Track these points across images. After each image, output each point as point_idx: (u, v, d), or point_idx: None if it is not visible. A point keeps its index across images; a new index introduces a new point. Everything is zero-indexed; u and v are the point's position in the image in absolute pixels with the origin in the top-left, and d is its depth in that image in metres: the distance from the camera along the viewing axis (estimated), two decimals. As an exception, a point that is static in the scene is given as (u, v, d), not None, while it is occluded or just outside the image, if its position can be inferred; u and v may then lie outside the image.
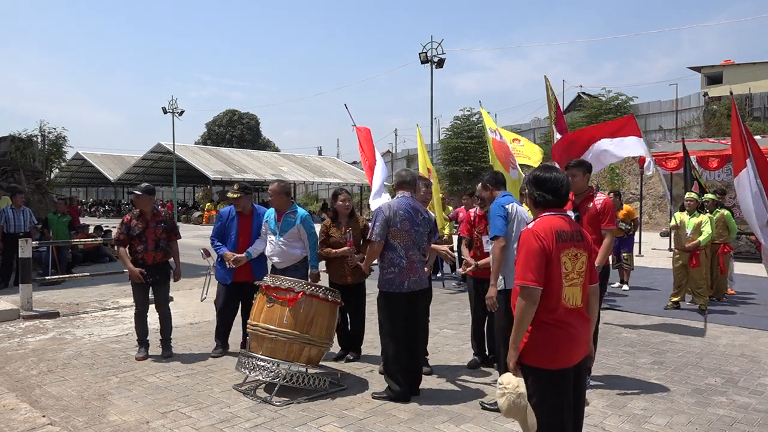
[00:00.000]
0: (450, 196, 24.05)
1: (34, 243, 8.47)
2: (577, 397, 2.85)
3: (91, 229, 15.80)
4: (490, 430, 3.99)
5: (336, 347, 5.54)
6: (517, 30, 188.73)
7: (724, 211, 8.93)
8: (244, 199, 5.89)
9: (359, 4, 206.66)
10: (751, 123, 24.75)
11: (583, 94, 38.07)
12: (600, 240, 4.87)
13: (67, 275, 10.49)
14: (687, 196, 8.23)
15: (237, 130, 60.87)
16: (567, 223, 2.85)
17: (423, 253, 4.74)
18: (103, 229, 16.79)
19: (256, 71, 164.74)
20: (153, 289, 5.79)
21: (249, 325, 4.89)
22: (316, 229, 5.64)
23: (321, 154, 60.00)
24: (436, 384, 4.97)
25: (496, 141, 8.16)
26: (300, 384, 4.60)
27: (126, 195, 52.11)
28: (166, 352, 5.74)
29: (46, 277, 9.78)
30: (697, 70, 33.83)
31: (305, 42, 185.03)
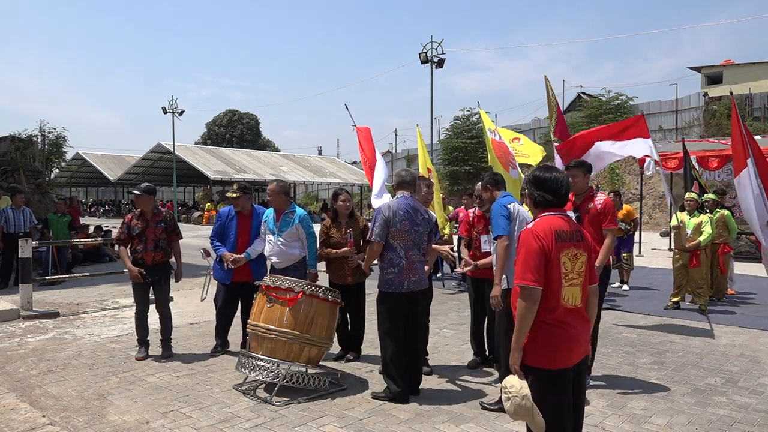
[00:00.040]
0: (450, 196, 24.07)
1: (34, 243, 8.48)
2: (577, 397, 2.85)
3: (91, 229, 15.80)
4: (490, 430, 3.99)
5: (336, 347, 5.54)
6: (517, 30, 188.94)
7: (724, 211, 8.93)
8: (243, 198, 5.88)
9: (359, 4, 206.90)
10: (751, 123, 24.76)
11: (583, 94, 38.08)
12: (601, 240, 4.87)
13: (67, 275, 10.49)
14: (687, 196, 8.23)
15: (237, 130, 60.87)
16: (567, 223, 2.85)
17: (423, 253, 4.73)
18: (103, 229, 16.79)
19: (256, 71, 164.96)
20: (153, 289, 5.79)
21: (249, 325, 4.89)
22: (315, 229, 5.63)
23: (321, 154, 60.05)
24: (436, 384, 4.97)
25: (495, 141, 8.15)
26: (300, 384, 4.60)
27: (126, 195, 52.13)
28: (166, 352, 5.74)
29: (46, 277, 9.78)
30: (697, 70, 33.85)
31: (305, 42, 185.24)
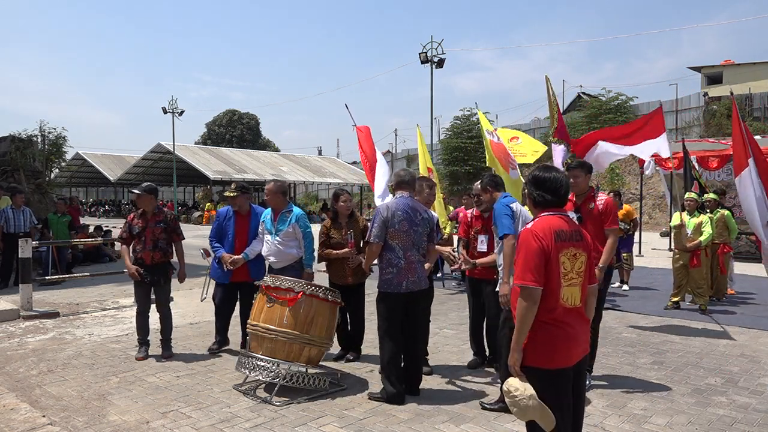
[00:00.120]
0: (450, 196, 24.07)
1: (34, 243, 8.48)
2: (576, 397, 2.85)
3: (91, 229, 15.80)
4: (490, 430, 3.99)
5: (336, 347, 5.54)
6: (517, 30, 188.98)
7: (724, 211, 8.93)
8: (241, 198, 5.88)
9: (359, 4, 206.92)
10: (751, 123, 24.77)
11: (583, 94, 38.11)
12: (603, 240, 4.85)
13: (67, 275, 10.49)
14: (687, 196, 8.23)
15: (237, 130, 60.88)
16: (566, 222, 2.85)
17: (423, 253, 4.72)
18: (103, 229, 16.81)
19: (256, 71, 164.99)
20: (153, 289, 5.79)
21: (249, 325, 4.88)
22: (312, 229, 5.63)
23: (321, 154, 60.05)
24: (436, 384, 4.97)
25: (494, 143, 8.17)
26: (300, 384, 4.60)
27: (126, 195, 52.16)
28: (166, 352, 5.74)
29: (46, 277, 9.78)
30: (697, 70, 33.86)
31: (305, 42, 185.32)
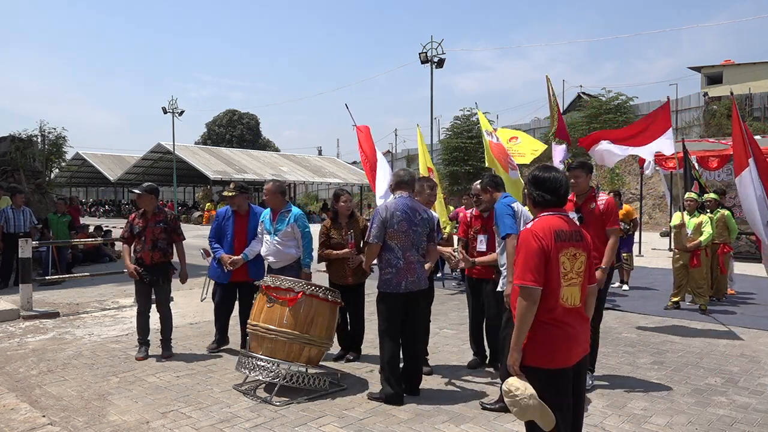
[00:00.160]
0: (450, 196, 24.05)
1: (34, 243, 8.48)
2: (576, 397, 2.85)
3: (91, 229, 15.81)
4: (490, 430, 3.99)
5: (336, 347, 5.54)
6: (517, 30, 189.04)
7: (724, 211, 8.92)
8: (240, 197, 5.88)
9: (359, 4, 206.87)
10: (751, 123, 24.76)
11: (583, 94, 38.09)
12: (605, 241, 4.85)
13: (67, 275, 10.49)
14: (687, 196, 8.22)
15: (237, 130, 60.87)
16: (566, 222, 2.85)
17: (422, 253, 4.71)
18: (103, 229, 16.82)
19: (256, 71, 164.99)
20: (154, 289, 5.79)
21: (249, 325, 4.88)
22: (311, 229, 5.64)
23: (321, 154, 60.04)
24: (436, 384, 4.97)
25: (493, 144, 8.19)
26: (300, 384, 4.60)
27: (126, 195, 52.15)
28: (166, 352, 5.74)
29: (46, 277, 9.78)
30: (697, 70, 33.83)
31: (305, 42, 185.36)
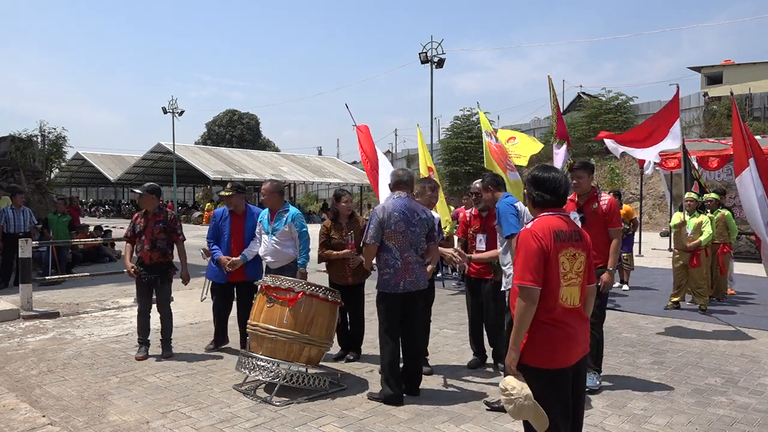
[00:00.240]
0: (450, 196, 24.06)
1: (34, 243, 8.48)
2: (576, 397, 2.85)
3: (91, 229, 15.80)
4: (490, 430, 3.99)
5: (336, 347, 5.54)
6: (517, 30, 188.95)
7: (724, 211, 8.92)
8: (237, 197, 5.89)
9: (359, 4, 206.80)
10: (751, 123, 24.75)
11: (583, 94, 38.07)
12: (605, 241, 4.84)
13: (67, 275, 10.49)
14: (687, 196, 8.22)
15: (237, 130, 60.86)
16: (565, 222, 2.85)
17: (421, 254, 4.69)
18: (103, 229, 16.81)
19: (256, 71, 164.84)
20: (154, 289, 5.80)
21: (249, 325, 4.88)
22: (308, 228, 5.64)
23: (321, 154, 60.03)
24: (436, 384, 4.97)
25: (492, 145, 8.22)
26: (300, 384, 4.60)
27: (126, 195, 52.17)
28: (166, 352, 5.74)
29: (46, 277, 9.79)
30: (697, 70, 33.80)
31: (305, 42, 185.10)
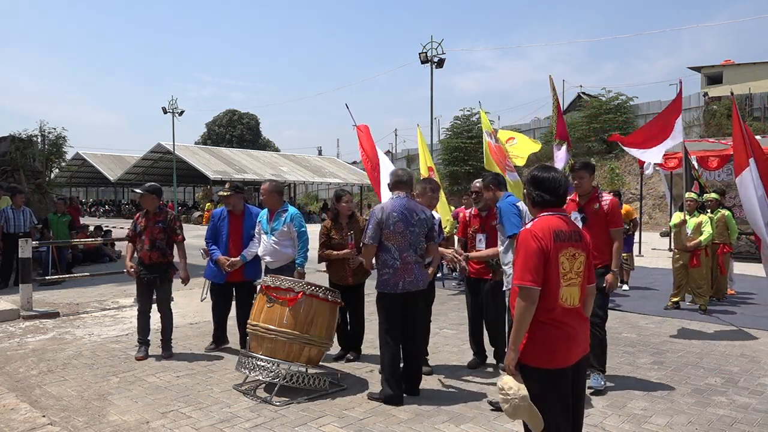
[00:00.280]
0: (450, 196, 24.06)
1: (34, 243, 8.48)
2: (576, 397, 2.84)
3: (91, 229, 15.81)
4: (490, 430, 3.99)
5: (336, 347, 5.53)
6: (517, 30, 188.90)
7: (725, 211, 8.92)
8: (235, 197, 5.89)
9: (359, 4, 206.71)
10: (751, 123, 24.73)
11: (583, 94, 38.06)
12: (607, 241, 4.84)
13: (67, 275, 10.49)
14: (687, 196, 8.22)
15: (237, 130, 60.86)
16: (565, 222, 2.85)
17: (420, 254, 4.69)
18: (103, 229, 16.82)
19: (256, 71, 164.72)
20: (154, 289, 5.80)
21: (249, 325, 4.88)
22: (307, 228, 5.64)
23: (321, 154, 60.01)
24: (436, 384, 4.97)
25: (492, 146, 8.22)
26: (300, 384, 4.60)
27: (126, 195, 52.16)
28: (166, 352, 5.74)
29: (46, 277, 9.79)
30: (697, 70, 33.79)
31: (305, 42, 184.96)
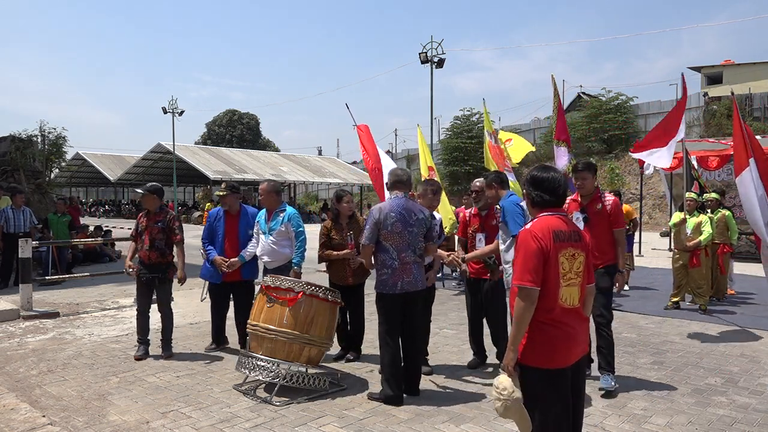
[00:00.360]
0: (450, 196, 24.05)
1: (34, 243, 8.48)
2: (576, 397, 2.85)
3: (91, 229, 15.80)
4: (490, 430, 3.99)
5: (336, 347, 5.53)
6: (517, 30, 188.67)
7: (724, 211, 8.92)
8: (231, 197, 5.90)
9: (359, 4, 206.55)
10: (751, 123, 24.72)
11: (583, 94, 38.08)
12: (609, 241, 4.85)
13: (67, 275, 10.50)
14: (687, 196, 8.23)
15: (237, 130, 60.86)
16: (565, 223, 2.85)
17: (419, 254, 4.69)
18: (103, 229, 16.82)
19: (256, 71, 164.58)
20: (155, 288, 5.80)
21: (249, 325, 4.88)
22: (305, 228, 5.64)
23: (321, 154, 60.00)
24: (436, 384, 4.97)
25: (492, 146, 8.22)
26: (300, 384, 4.60)
27: (126, 195, 52.18)
28: (166, 352, 5.74)
29: (46, 277, 9.79)
30: (697, 70, 33.79)
31: (305, 42, 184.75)
